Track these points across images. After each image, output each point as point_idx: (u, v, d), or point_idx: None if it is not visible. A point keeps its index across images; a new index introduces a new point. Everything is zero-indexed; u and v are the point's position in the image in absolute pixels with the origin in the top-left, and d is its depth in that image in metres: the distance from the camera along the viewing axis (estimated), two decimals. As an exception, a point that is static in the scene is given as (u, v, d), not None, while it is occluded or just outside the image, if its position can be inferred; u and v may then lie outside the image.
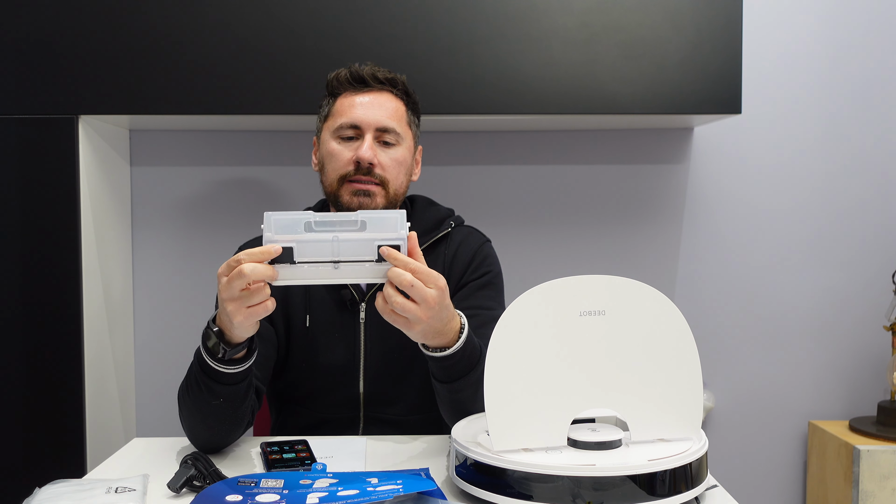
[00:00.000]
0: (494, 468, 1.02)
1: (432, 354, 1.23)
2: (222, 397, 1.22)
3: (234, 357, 1.19)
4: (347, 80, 1.44)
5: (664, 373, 1.09)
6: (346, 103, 1.43)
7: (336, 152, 1.42)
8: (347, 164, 1.40)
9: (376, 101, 1.43)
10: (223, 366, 1.19)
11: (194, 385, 1.23)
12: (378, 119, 1.41)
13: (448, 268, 1.48)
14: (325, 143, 1.45)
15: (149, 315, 2.18)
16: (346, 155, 1.41)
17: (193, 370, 1.24)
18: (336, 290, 1.47)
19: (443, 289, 1.14)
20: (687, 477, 1.03)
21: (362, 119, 1.41)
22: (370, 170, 1.40)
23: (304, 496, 0.99)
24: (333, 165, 1.42)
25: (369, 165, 1.40)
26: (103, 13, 1.82)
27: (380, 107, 1.42)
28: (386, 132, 1.42)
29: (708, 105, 1.87)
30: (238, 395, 1.24)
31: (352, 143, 1.42)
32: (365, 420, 1.48)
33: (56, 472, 1.26)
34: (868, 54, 2.21)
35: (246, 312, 1.11)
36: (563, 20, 1.85)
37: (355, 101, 1.42)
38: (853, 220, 2.23)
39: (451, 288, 1.47)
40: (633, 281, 1.09)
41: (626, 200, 2.21)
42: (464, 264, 1.49)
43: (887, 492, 1.95)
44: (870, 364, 2.25)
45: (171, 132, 2.16)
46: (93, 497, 1.04)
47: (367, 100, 1.43)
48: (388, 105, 1.43)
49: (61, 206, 1.85)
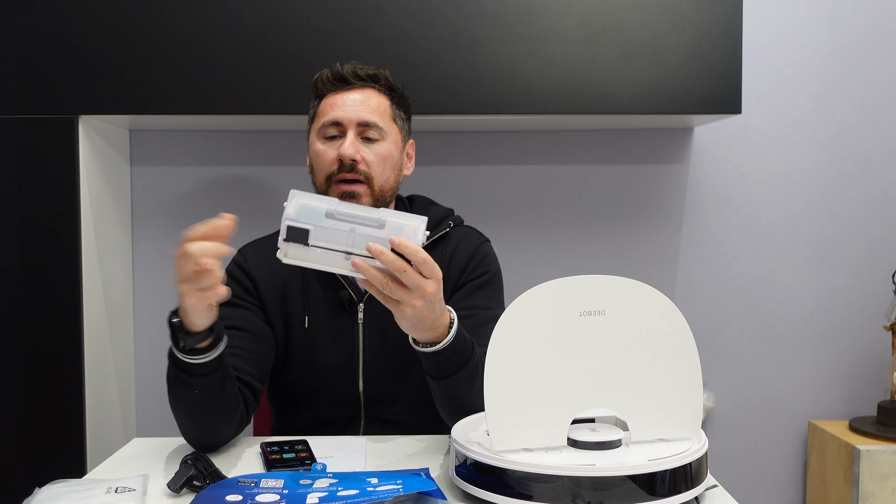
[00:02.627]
0: (494, 468, 1.02)
1: (423, 350, 1.22)
2: (197, 389, 1.21)
3: (196, 346, 1.19)
4: (329, 80, 1.45)
5: (664, 373, 1.09)
6: (328, 103, 1.44)
7: (321, 152, 1.43)
8: (332, 163, 1.41)
9: (356, 98, 1.43)
10: (189, 356, 1.19)
11: (171, 379, 1.24)
12: (359, 115, 1.41)
13: (446, 267, 1.47)
14: (312, 144, 1.46)
15: (149, 315, 2.18)
16: (331, 154, 1.41)
17: (168, 370, 1.25)
18: (334, 290, 1.47)
19: (440, 280, 1.14)
20: (687, 477, 1.03)
21: (343, 116, 1.41)
22: (354, 166, 1.40)
23: (304, 496, 0.99)
24: (319, 165, 1.43)
25: (352, 161, 1.40)
26: (103, 13, 1.82)
27: (361, 103, 1.42)
28: (368, 127, 1.42)
29: (708, 105, 1.87)
30: (213, 385, 1.23)
31: (335, 141, 1.42)
32: (366, 420, 1.48)
33: (56, 472, 1.26)
34: (868, 54, 2.21)
35: (198, 296, 1.10)
36: (563, 20, 1.85)
37: (337, 100, 1.43)
38: (853, 220, 2.23)
39: (450, 287, 1.47)
40: (633, 281, 1.09)
41: (626, 200, 2.21)
42: (462, 264, 1.49)
43: (887, 492, 1.95)
44: (870, 364, 2.25)
45: (171, 132, 2.16)
46: (93, 497, 1.04)
47: (348, 97, 1.43)
48: (371, 101, 1.44)
49: (61, 206, 1.85)
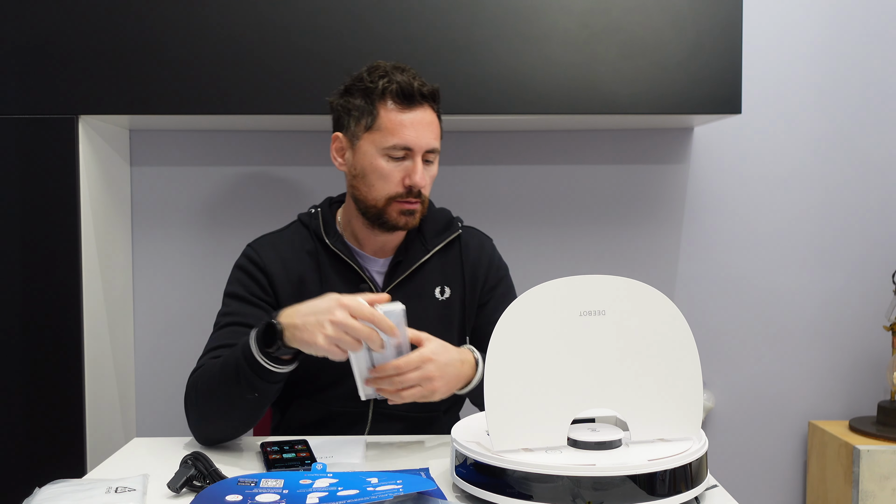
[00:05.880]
0: (494, 468, 1.02)
1: (460, 393, 1.35)
2: (258, 392, 1.27)
3: (281, 357, 1.26)
4: (396, 94, 1.42)
5: (664, 373, 1.09)
6: (394, 120, 1.42)
7: (387, 172, 1.43)
8: (398, 186, 1.43)
9: (423, 119, 1.44)
10: (272, 363, 1.25)
11: (232, 377, 1.27)
12: (428, 143, 1.44)
13: (465, 272, 1.55)
14: (370, 156, 1.43)
15: (149, 315, 2.18)
16: (397, 176, 1.43)
17: (232, 362, 1.28)
18: (353, 283, 1.48)
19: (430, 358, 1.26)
20: (687, 477, 1.03)
21: (415, 143, 1.42)
22: (418, 192, 1.44)
23: (304, 496, 0.99)
24: (383, 184, 1.43)
25: None
26: (103, 13, 1.82)
27: (426, 128, 1.44)
28: (431, 152, 1.46)
29: (708, 105, 1.87)
30: (271, 393, 1.30)
31: (401, 162, 1.43)
32: (373, 415, 1.49)
33: (56, 472, 1.26)
34: (868, 54, 2.21)
35: (330, 343, 1.19)
36: (563, 20, 1.85)
37: (405, 119, 1.42)
38: (853, 220, 2.23)
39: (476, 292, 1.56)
40: (633, 281, 1.09)
41: (626, 200, 2.21)
42: (483, 269, 1.57)
43: (887, 492, 1.95)
44: (870, 364, 2.25)
45: (171, 132, 2.16)
46: (93, 497, 1.04)
47: (415, 118, 1.43)
48: (434, 126, 1.46)
49: (61, 206, 1.85)
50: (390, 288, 1.49)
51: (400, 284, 1.49)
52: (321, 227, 1.51)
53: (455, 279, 1.54)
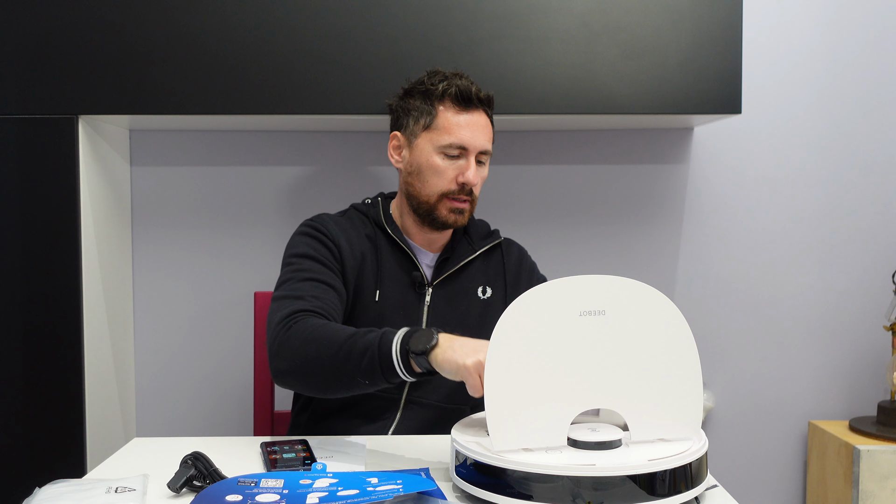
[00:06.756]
0: (494, 468, 1.02)
1: None
2: (370, 382, 1.26)
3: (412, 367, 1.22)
4: (456, 96, 1.52)
5: (664, 373, 1.09)
6: (452, 121, 1.52)
7: (441, 169, 1.52)
8: (451, 183, 1.52)
9: (478, 122, 1.54)
10: (404, 370, 1.22)
11: (355, 356, 1.25)
12: (482, 144, 1.53)
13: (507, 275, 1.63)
14: (427, 153, 1.53)
15: (149, 315, 2.18)
16: (451, 174, 1.52)
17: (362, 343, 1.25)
18: (408, 269, 1.56)
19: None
20: (687, 477, 1.03)
21: (470, 142, 1.51)
22: (469, 190, 1.53)
23: (304, 496, 0.99)
24: (437, 180, 1.52)
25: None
26: (103, 14, 1.82)
27: (481, 130, 1.54)
28: (483, 154, 1.55)
29: (708, 105, 1.87)
30: (378, 389, 1.30)
31: (455, 161, 1.52)
32: (405, 403, 1.53)
33: (56, 472, 1.26)
34: (868, 54, 2.21)
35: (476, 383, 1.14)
36: (563, 20, 1.85)
37: (462, 120, 1.52)
38: (853, 220, 2.23)
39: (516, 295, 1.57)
40: (633, 281, 1.09)
41: (626, 200, 2.21)
42: (525, 275, 1.66)
43: (887, 492, 1.95)
44: (870, 364, 2.25)
45: (171, 132, 2.16)
46: (93, 497, 1.04)
47: (472, 120, 1.53)
48: (488, 129, 1.56)
49: (61, 206, 1.85)
50: (438, 281, 1.57)
51: (446, 280, 1.58)
52: (381, 214, 1.59)
53: (497, 281, 1.63)
